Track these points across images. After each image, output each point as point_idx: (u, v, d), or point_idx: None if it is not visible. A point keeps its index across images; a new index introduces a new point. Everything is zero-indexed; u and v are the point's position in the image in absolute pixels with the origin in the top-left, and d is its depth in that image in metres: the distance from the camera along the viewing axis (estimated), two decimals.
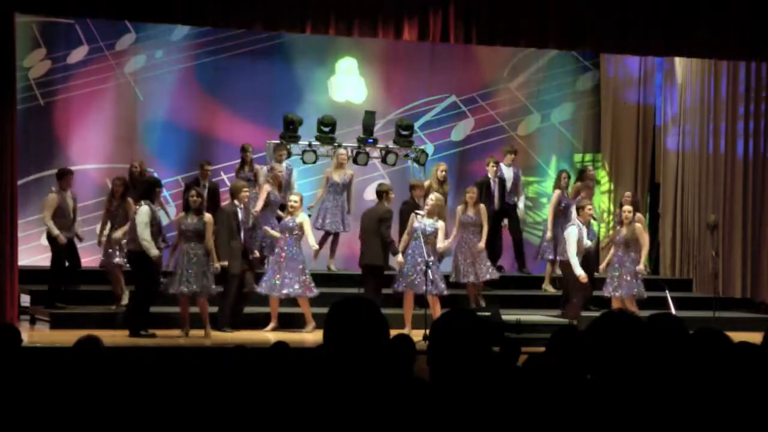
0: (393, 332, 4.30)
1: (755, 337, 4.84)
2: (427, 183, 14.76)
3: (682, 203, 16.76)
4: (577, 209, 13.38)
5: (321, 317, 3.65)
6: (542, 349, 4.99)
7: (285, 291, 12.72)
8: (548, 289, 15.19)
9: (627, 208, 13.36)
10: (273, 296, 12.81)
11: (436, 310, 12.47)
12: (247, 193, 13.20)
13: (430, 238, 12.67)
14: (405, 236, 13.00)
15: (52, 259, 13.02)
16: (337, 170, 14.95)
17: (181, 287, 11.93)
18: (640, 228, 13.36)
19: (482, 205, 14.11)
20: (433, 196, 13.04)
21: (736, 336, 4.55)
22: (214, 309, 12.62)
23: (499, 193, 15.28)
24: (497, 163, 15.39)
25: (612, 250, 13.34)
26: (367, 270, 13.24)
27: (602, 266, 13.64)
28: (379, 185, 13.95)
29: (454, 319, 3.59)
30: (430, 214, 12.77)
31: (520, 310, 13.57)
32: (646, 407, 3.46)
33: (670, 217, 16.96)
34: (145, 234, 11.79)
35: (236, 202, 12.90)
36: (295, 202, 12.97)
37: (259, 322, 12.94)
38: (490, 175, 15.26)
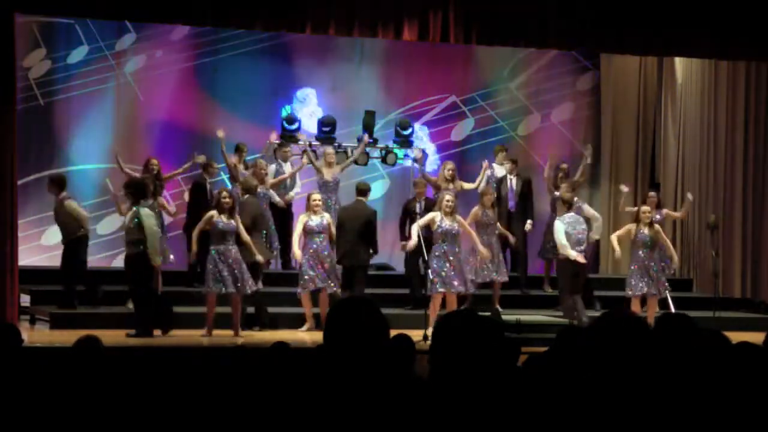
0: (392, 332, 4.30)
1: (755, 337, 4.84)
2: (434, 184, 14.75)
3: (683, 203, 16.75)
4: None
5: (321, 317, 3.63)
6: (542, 349, 4.98)
7: (328, 288, 12.81)
8: (547, 289, 15.23)
9: (645, 208, 13.36)
10: (308, 292, 12.85)
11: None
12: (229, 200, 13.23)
13: (457, 237, 12.78)
14: (415, 236, 12.84)
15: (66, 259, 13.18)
16: (327, 169, 14.90)
17: (221, 287, 11.99)
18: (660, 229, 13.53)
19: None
20: (449, 196, 13.01)
21: (736, 336, 4.55)
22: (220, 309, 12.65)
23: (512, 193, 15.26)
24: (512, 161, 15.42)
25: (617, 248, 13.31)
26: (355, 270, 13.19)
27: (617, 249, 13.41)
28: (363, 183, 13.86)
29: (455, 319, 3.60)
30: (449, 215, 12.79)
31: (520, 310, 13.59)
32: (647, 408, 3.46)
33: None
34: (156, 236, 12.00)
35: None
36: (319, 200, 13.06)
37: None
38: (506, 173, 15.25)
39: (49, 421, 4.78)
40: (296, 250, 12.96)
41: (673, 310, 12.54)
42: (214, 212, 12.15)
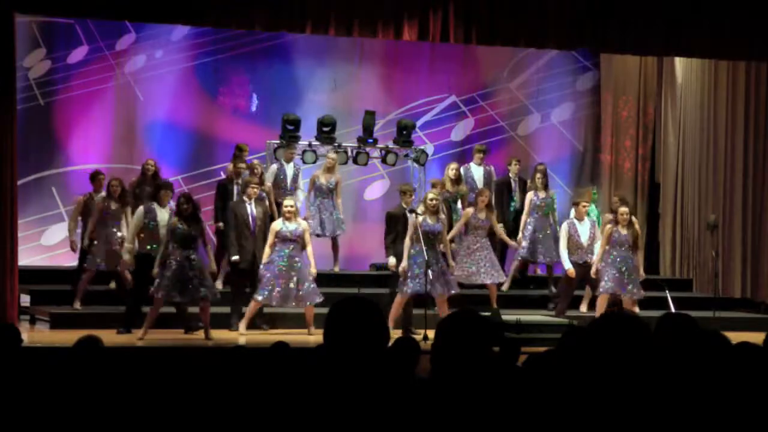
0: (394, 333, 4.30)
1: (755, 337, 4.84)
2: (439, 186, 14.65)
3: (682, 203, 16.76)
4: (574, 205, 13.66)
5: (321, 317, 3.64)
6: (542, 349, 4.99)
7: (307, 302, 12.48)
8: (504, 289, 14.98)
9: (624, 209, 13.25)
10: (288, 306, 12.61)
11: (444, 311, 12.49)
12: (256, 189, 13.10)
13: (438, 237, 12.65)
14: (407, 240, 12.74)
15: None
16: (325, 174, 14.83)
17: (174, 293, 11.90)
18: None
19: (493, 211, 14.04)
20: (433, 194, 12.93)
21: (736, 336, 4.56)
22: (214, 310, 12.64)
23: (519, 192, 15.24)
24: (519, 162, 15.39)
25: (602, 249, 13.16)
26: None
27: (593, 270, 13.20)
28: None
29: (457, 319, 3.60)
30: (433, 214, 12.70)
31: (520, 310, 13.59)
32: (647, 407, 3.46)
33: (670, 217, 16.97)
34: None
35: (244, 197, 12.96)
36: (292, 206, 12.65)
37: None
38: (511, 175, 15.24)
39: (49, 421, 4.78)
40: (264, 259, 12.50)
41: (673, 310, 12.53)
42: (174, 219, 12.02)
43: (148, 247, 12.14)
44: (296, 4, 12.88)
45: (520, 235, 14.66)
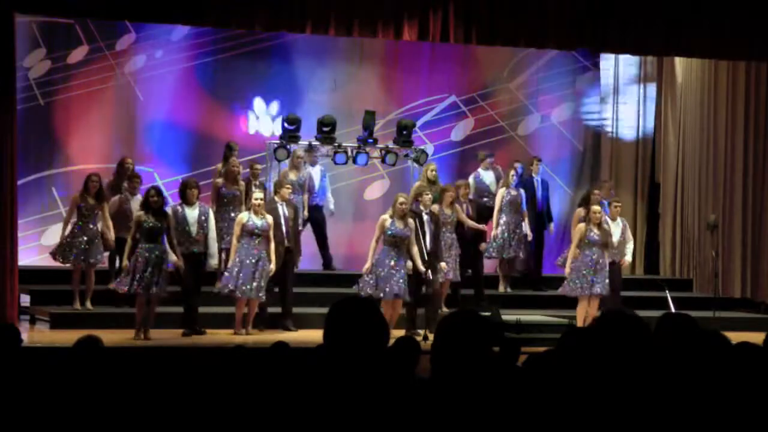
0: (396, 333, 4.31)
1: (755, 337, 4.84)
2: (417, 183, 14.64)
3: (682, 203, 16.77)
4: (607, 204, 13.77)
5: (321, 317, 3.64)
6: (542, 349, 4.99)
7: (261, 294, 12.46)
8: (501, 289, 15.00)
9: (596, 208, 13.11)
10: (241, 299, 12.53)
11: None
12: (290, 189, 13.11)
13: (406, 241, 12.62)
14: (372, 242, 12.81)
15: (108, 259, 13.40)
16: (293, 170, 14.73)
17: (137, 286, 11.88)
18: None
19: (457, 205, 14.01)
20: (402, 198, 12.84)
21: (736, 336, 4.56)
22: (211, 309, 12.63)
23: (542, 194, 15.29)
24: (540, 161, 15.51)
25: (575, 249, 13.02)
26: None
27: (567, 269, 13.10)
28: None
29: (457, 319, 3.60)
30: (401, 218, 12.63)
31: (520, 310, 13.59)
32: (647, 407, 3.46)
33: (670, 217, 16.97)
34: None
35: (277, 198, 12.93)
36: (261, 200, 12.55)
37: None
38: (533, 175, 15.25)
39: (49, 422, 4.78)
40: (232, 254, 12.52)
41: (673, 310, 12.52)
42: (141, 213, 12.00)
43: (186, 247, 12.21)
44: (296, 4, 12.89)
45: (494, 230, 14.78)
